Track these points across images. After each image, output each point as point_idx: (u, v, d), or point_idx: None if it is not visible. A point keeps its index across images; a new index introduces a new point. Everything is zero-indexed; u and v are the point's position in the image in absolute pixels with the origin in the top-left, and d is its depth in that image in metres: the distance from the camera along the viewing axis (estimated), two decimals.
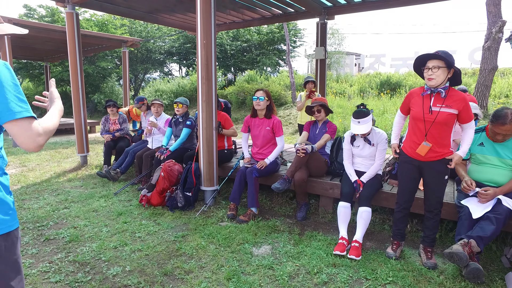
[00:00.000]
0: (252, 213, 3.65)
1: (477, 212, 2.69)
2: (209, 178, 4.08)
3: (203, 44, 3.84)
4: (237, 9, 6.73)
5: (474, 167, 3.03)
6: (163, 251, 2.98)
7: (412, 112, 2.71)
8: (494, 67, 8.22)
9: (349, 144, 3.37)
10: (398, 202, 2.91)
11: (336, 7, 6.16)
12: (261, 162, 3.80)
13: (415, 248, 3.07)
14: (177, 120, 4.79)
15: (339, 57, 17.31)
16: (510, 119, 2.62)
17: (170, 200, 4.03)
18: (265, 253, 2.96)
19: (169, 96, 16.23)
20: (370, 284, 2.50)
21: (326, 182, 3.71)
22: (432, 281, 2.54)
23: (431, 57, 2.53)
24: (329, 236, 3.27)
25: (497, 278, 2.59)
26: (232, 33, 21.34)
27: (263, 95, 3.86)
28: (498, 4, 7.82)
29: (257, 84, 14.84)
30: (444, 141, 2.63)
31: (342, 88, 13.84)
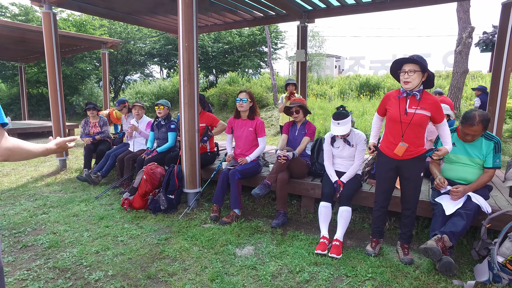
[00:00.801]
0: (235, 215, 3.69)
1: (450, 209, 2.83)
2: (192, 180, 4.09)
3: (185, 47, 3.85)
4: (219, 12, 6.76)
5: (446, 166, 3.18)
6: (146, 254, 2.97)
7: (389, 114, 2.82)
8: (465, 70, 8.58)
9: (329, 145, 3.47)
10: (376, 201, 3.01)
11: (316, 11, 6.29)
12: (242, 158, 3.86)
13: (394, 245, 3.19)
14: (159, 123, 4.77)
15: (320, 59, 17.59)
16: (478, 121, 2.78)
17: (153, 203, 4.01)
18: (248, 254, 3.00)
19: (150, 98, 16.04)
20: (350, 281, 2.59)
21: (307, 182, 3.79)
22: (408, 276, 2.65)
23: (407, 61, 2.65)
24: (311, 236, 3.35)
25: (467, 270, 2.73)
26: (213, 35, 21.29)
27: (246, 97, 3.92)
28: (467, 11, 8.19)
29: (239, 86, 14.88)
30: (419, 141, 2.76)
31: (323, 90, 14.07)
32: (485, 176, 2.95)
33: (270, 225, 3.56)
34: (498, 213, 2.77)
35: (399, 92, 2.77)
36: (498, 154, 2.91)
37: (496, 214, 2.77)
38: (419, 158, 2.79)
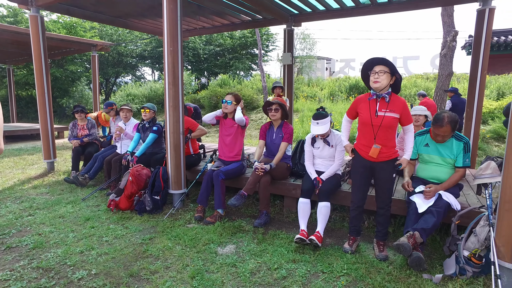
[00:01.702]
0: (219, 215, 3.77)
1: (422, 207, 2.95)
2: (177, 181, 4.17)
3: (169, 51, 3.94)
4: (207, 15, 6.85)
5: (421, 165, 3.32)
6: (130, 254, 3.04)
7: (361, 117, 2.93)
8: (450, 72, 8.79)
9: (310, 146, 3.58)
10: (353, 201, 3.12)
11: (302, 15, 6.42)
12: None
13: (371, 243, 3.30)
14: (144, 126, 4.83)
15: (311, 62, 17.78)
16: (446, 122, 2.91)
17: (139, 204, 4.08)
18: (229, 252, 3.09)
19: (141, 101, 16.04)
20: (326, 277, 2.69)
21: (289, 183, 3.89)
22: (381, 271, 2.76)
23: (378, 62, 2.77)
24: (291, 234, 3.44)
25: (437, 265, 2.85)
26: (205, 38, 21.37)
27: (231, 99, 4.00)
28: (451, 15, 8.41)
29: (230, 88, 14.97)
30: (390, 142, 2.88)
31: (313, 91, 14.23)
32: (456, 175, 3.08)
33: (253, 225, 3.65)
34: (466, 210, 2.90)
35: (370, 95, 2.88)
36: (467, 154, 3.04)
37: (464, 211, 2.90)
38: (391, 161, 2.92)
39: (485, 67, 4.61)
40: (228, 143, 4.13)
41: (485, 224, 2.62)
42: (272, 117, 3.87)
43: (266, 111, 3.91)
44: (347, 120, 3.17)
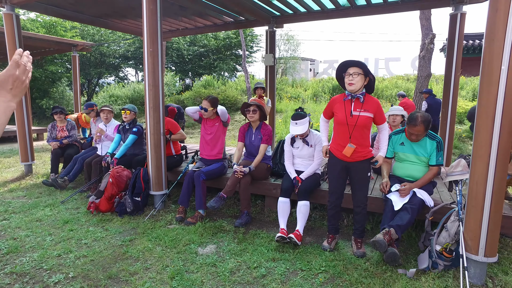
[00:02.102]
0: (200, 215, 3.78)
1: (398, 204, 3.04)
2: (158, 182, 4.15)
3: (149, 52, 3.93)
4: (189, 16, 6.83)
5: (397, 164, 3.41)
6: (109, 256, 3.01)
7: (336, 117, 3.00)
8: (429, 74, 9.04)
9: (289, 146, 3.63)
10: (330, 201, 3.18)
11: (284, 16, 6.48)
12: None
13: (350, 240, 3.37)
14: (125, 127, 4.78)
15: (295, 63, 17.92)
16: (420, 121, 3.02)
17: (119, 205, 4.04)
18: (210, 252, 3.10)
19: (124, 102, 15.81)
20: (304, 274, 2.74)
21: (270, 183, 3.94)
22: (359, 268, 2.83)
23: (352, 65, 2.84)
24: (272, 234, 3.48)
25: (412, 260, 2.95)
26: (189, 38, 21.27)
27: (207, 106, 4.02)
28: (429, 18, 8.66)
29: (214, 89, 14.95)
30: (365, 142, 2.96)
31: (297, 92, 14.36)
32: (429, 173, 3.19)
33: (234, 225, 3.67)
34: (438, 206, 3.01)
35: (345, 95, 2.96)
36: (440, 153, 3.15)
37: (437, 207, 3.01)
38: (366, 160, 3.01)
39: (458, 69, 4.77)
40: (209, 142, 4.14)
41: (455, 219, 2.72)
42: (250, 118, 3.89)
43: (244, 112, 3.93)
44: (324, 120, 3.23)
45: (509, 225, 2.92)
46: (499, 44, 2.25)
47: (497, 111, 2.30)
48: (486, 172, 2.39)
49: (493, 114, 2.31)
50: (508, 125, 2.31)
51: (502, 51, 2.24)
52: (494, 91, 2.29)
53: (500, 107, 2.29)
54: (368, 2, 5.30)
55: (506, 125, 2.31)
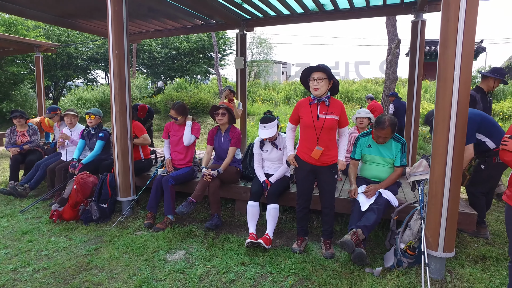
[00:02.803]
0: (169, 221, 3.70)
1: (365, 205, 3.12)
2: (125, 188, 4.03)
3: (115, 54, 3.82)
4: (159, 18, 6.71)
5: (364, 165, 3.50)
6: (72, 267, 2.88)
7: (303, 120, 3.03)
8: (395, 77, 9.38)
9: (258, 149, 3.64)
10: (298, 203, 3.22)
11: (254, 20, 6.51)
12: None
13: (319, 242, 3.41)
14: (90, 132, 4.61)
15: (267, 66, 18.05)
16: (387, 125, 3.12)
17: (85, 213, 3.88)
18: (179, 258, 3.04)
19: (94, 105, 15.29)
20: (274, 278, 2.74)
21: (240, 186, 3.92)
22: (327, 269, 2.87)
23: (315, 70, 2.89)
24: (241, 237, 3.47)
25: (379, 259, 3.03)
26: (161, 41, 20.93)
27: (175, 115, 3.96)
28: (394, 24, 9.01)
29: (186, 92, 14.76)
30: (332, 143, 3.02)
31: (270, 95, 14.47)
32: (394, 174, 3.30)
33: (204, 227, 3.64)
34: (403, 206, 3.12)
35: (310, 99, 3.00)
36: (404, 154, 3.27)
37: (401, 206, 3.11)
38: (333, 165, 3.07)
39: (421, 73, 4.98)
40: (179, 151, 4.07)
41: (418, 217, 2.83)
42: (219, 121, 3.85)
43: (213, 115, 3.90)
44: (291, 128, 3.21)
45: (464, 221, 3.07)
46: (452, 51, 2.38)
47: (452, 114, 2.42)
48: (444, 171, 2.50)
49: (449, 117, 2.43)
50: (461, 127, 2.43)
51: (454, 58, 2.36)
52: (449, 95, 2.41)
53: (455, 110, 2.41)
54: (336, 7, 5.43)
55: (460, 127, 2.43)
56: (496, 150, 3.25)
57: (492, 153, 3.31)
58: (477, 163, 3.44)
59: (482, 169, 3.40)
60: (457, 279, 2.70)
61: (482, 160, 3.38)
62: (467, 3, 2.33)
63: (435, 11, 4.90)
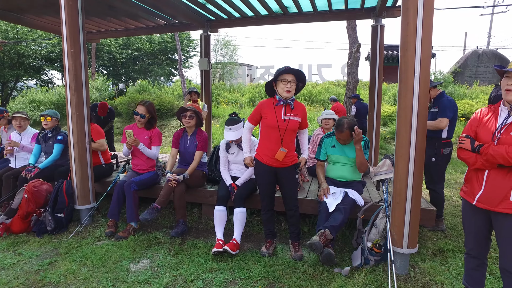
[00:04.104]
0: (132, 228, 3.52)
1: (332, 205, 3.14)
2: (84, 195, 3.78)
3: (70, 53, 3.58)
4: (119, 17, 6.43)
5: (329, 166, 3.55)
6: (21, 285, 2.63)
7: (266, 121, 2.98)
8: (356, 80, 9.70)
9: (224, 152, 3.56)
10: (262, 205, 3.17)
11: (218, 21, 6.43)
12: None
13: (288, 244, 3.39)
14: (46, 135, 4.28)
15: (232, 68, 17.98)
16: (345, 127, 3.18)
17: (37, 224, 3.59)
18: (143, 268, 2.89)
19: (49, 108, 14.38)
20: (243, 283, 2.68)
21: (206, 190, 3.82)
22: (297, 271, 2.86)
23: (293, 72, 2.88)
24: (209, 243, 3.37)
25: (347, 258, 3.07)
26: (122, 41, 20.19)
27: (144, 112, 3.79)
28: (355, 29, 9.34)
29: (149, 94, 14.33)
30: (293, 145, 3.05)
31: (234, 97, 14.42)
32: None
33: (169, 235, 3.49)
34: (368, 205, 3.18)
35: (275, 101, 2.97)
36: (366, 151, 3.34)
37: (367, 206, 3.18)
38: (294, 165, 3.08)
39: (381, 75, 5.17)
40: (140, 156, 3.88)
41: (383, 216, 2.90)
42: (186, 124, 3.73)
43: (180, 117, 3.77)
44: (249, 128, 3.14)
45: (425, 217, 3.20)
46: (412, 53, 2.47)
47: (413, 114, 2.51)
48: (407, 170, 2.58)
49: (410, 116, 2.51)
50: (422, 126, 2.53)
51: (414, 60, 2.46)
52: (410, 96, 2.50)
53: (416, 110, 2.50)
54: (299, 10, 5.49)
55: (420, 126, 2.53)
56: (444, 142, 3.57)
57: (441, 144, 3.57)
58: (428, 156, 3.63)
59: (434, 161, 3.59)
60: (419, 273, 2.80)
61: (432, 152, 3.58)
62: (424, 8, 2.43)
63: (393, 17, 5.11)
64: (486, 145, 2.00)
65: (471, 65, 15.57)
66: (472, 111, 10.42)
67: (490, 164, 1.98)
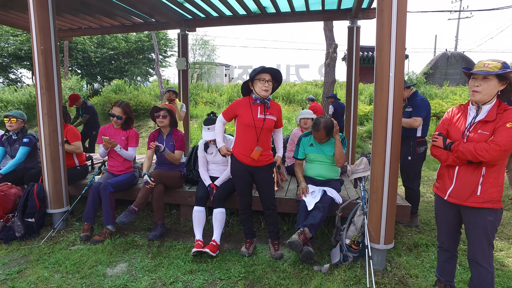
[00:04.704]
0: (109, 231, 3.42)
1: (311, 204, 3.18)
2: (57, 199, 3.64)
3: (40, 50, 3.43)
4: (93, 14, 6.23)
5: (308, 165, 3.58)
6: None
7: (243, 119, 2.95)
8: (333, 80, 9.85)
9: (203, 152, 3.53)
10: (240, 205, 3.15)
11: (196, 20, 6.37)
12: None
13: (268, 243, 3.39)
14: (10, 138, 4.07)
15: (210, 68, 17.86)
16: (321, 127, 3.23)
17: (5, 230, 3.42)
18: (121, 272, 2.81)
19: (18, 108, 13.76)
20: (223, 284, 2.66)
21: (184, 191, 3.77)
22: (277, 270, 2.86)
23: (270, 71, 2.88)
24: (188, 244, 3.33)
25: (326, 256, 3.11)
26: (96, 39, 19.63)
27: (120, 114, 3.70)
28: (331, 30, 9.49)
29: (125, 94, 14.00)
30: (268, 144, 3.06)
31: (213, 97, 14.33)
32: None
33: (147, 238, 3.42)
34: (346, 203, 3.24)
35: (252, 99, 2.96)
36: (344, 148, 3.40)
37: (345, 203, 3.24)
38: (270, 164, 3.09)
39: (357, 76, 5.28)
40: (116, 157, 3.77)
41: (361, 213, 2.96)
42: (159, 123, 3.64)
43: (154, 117, 3.69)
44: (223, 122, 3.11)
45: (400, 213, 3.29)
46: (386, 53, 2.53)
47: (389, 112, 2.57)
48: (383, 167, 2.64)
49: (386, 115, 2.58)
50: (397, 125, 2.60)
51: (389, 59, 2.52)
52: (385, 94, 2.56)
53: (391, 109, 2.56)
54: (277, 10, 5.52)
55: (396, 125, 2.60)
56: (419, 140, 3.68)
57: (416, 142, 3.68)
58: (404, 154, 3.74)
59: (410, 160, 3.70)
60: (396, 268, 2.88)
61: (408, 151, 3.69)
62: (398, 10, 2.50)
63: (368, 19, 5.23)
64: (456, 142, 2.09)
65: (441, 66, 16.18)
66: (443, 110, 10.81)
67: (460, 161, 2.07)
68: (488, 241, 2.08)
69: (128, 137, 3.75)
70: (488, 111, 2.04)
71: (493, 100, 2.05)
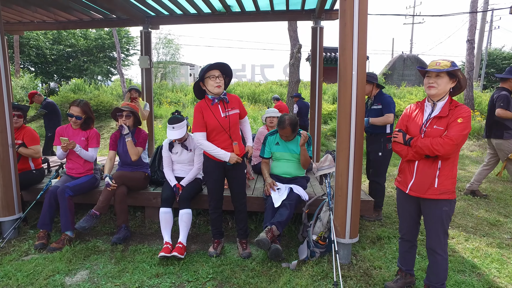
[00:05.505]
0: (67, 238, 3.23)
1: (278, 201, 3.19)
2: (6, 205, 3.38)
3: None
4: (47, 8, 5.86)
5: (274, 163, 3.61)
6: None
7: (209, 124, 2.86)
8: (298, 80, 10.02)
9: (167, 151, 3.43)
10: (211, 205, 3.10)
11: (159, 17, 6.20)
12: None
13: (236, 243, 3.37)
14: None
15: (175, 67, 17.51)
16: (287, 124, 3.27)
17: None
18: (81, 280, 2.66)
19: None
20: (192, 286, 2.60)
21: (149, 192, 3.65)
22: (246, 269, 2.85)
23: (217, 67, 2.85)
24: (154, 247, 3.23)
25: (294, 253, 3.14)
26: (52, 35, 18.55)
27: (80, 113, 3.52)
28: (296, 30, 9.65)
29: (85, 94, 13.36)
30: (239, 135, 3.05)
31: (177, 97, 14.06)
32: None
33: (110, 242, 3.27)
34: (312, 199, 3.30)
35: (209, 100, 2.89)
36: (309, 147, 3.46)
37: (311, 200, 3.29)
38: (243, 156, 3.06)
39: (321, 75, 5.40)
40: (77, 159, 3.57)
41: (327, 209, 3.02)
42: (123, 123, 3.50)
43: (116, 117, 3.54)
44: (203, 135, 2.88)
45: (364, 207, 3.40)
46: (349, 52, 2.61)
47: (352, 110, 2.65)
48: (347, 164, 2.71)
49: (350, 113, 2.65)
50: (360, 122, 2.68)
51: (351, 58, 2.60)
52: (349, 93, 2.63)
53: (354, 107, 2.64)
54: (242, 9, 5.50)
55: (359, 122, 2.68)
56: (389, 137, 3.83)
57: (385, 139, 3.84)
58: (374, 151, 3.88)
59: (380, 156, 3.85)
60: (361, 260, 2.97)
61: (379, 147, 3.83)
62: (359, 10, 2.58)
63: (331, 20, 5.37)
64: (415, 138, 2.20)
65: (398, 68, 17.04)
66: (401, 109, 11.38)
67: (419, 155, 2.18)
68: (444, 230, 2.20)
69: (89, 137, 3.57)
70: (442, 107, 2.17)
71: (446, 97, 2.19)
